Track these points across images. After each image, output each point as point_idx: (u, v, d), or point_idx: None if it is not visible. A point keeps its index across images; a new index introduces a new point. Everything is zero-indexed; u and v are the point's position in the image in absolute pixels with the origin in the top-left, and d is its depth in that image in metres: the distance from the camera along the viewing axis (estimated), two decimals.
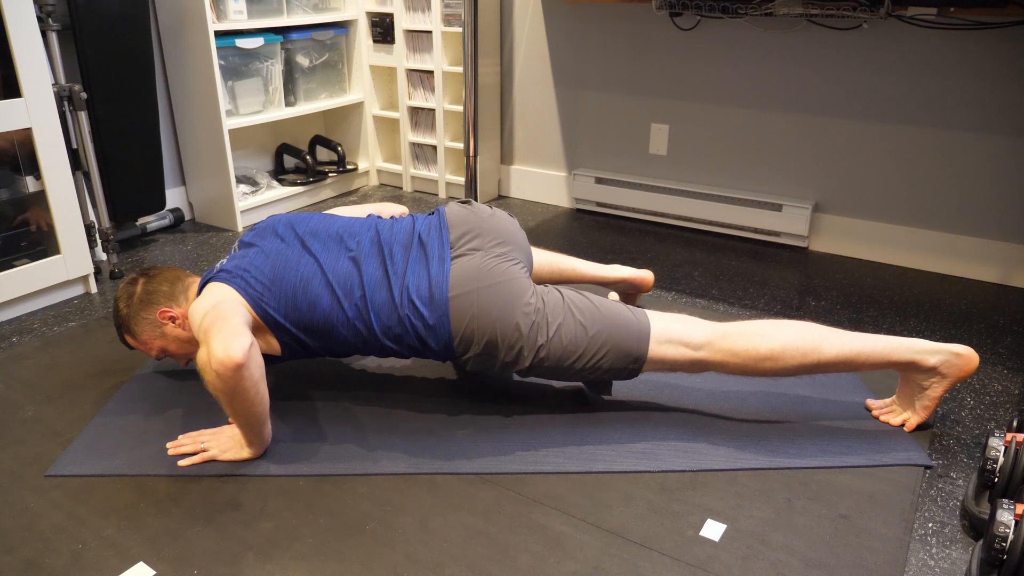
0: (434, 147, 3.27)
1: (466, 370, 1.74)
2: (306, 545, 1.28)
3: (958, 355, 1.50)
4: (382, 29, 3.20)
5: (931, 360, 1.51)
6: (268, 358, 1.58)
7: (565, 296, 1.54)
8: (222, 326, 1.35)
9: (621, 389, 1.72)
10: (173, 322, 1.62)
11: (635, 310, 1.56)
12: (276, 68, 2.93)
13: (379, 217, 1.68)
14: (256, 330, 1.52)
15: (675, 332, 1.52)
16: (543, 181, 3.20)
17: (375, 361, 1.86)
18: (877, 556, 1.25)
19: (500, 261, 1.53)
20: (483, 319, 1.48)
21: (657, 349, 1.51)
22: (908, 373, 1.55)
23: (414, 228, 1.60)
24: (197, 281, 1.67)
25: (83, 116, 2.28)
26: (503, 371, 1.55)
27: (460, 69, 3.07)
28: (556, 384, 1.75)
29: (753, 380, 1.76)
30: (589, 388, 1.67)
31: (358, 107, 3.34)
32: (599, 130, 2.99)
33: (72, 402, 1.70)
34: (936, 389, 1.53)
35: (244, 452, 1.48)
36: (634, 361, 1.52)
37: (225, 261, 1.59)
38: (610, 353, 1.51)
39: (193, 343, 1.63)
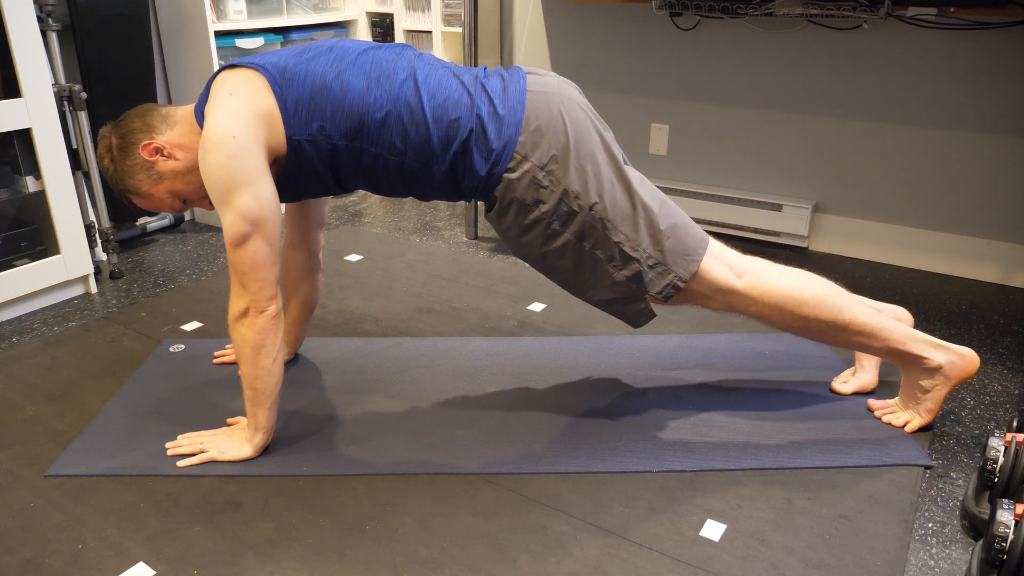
0: None
1: (487, 216, 1.47)
2: (306, 545, 1.28)
3: (961, 356, 1.52)
4: (382, 29, 3.20)
5: (938, 358, 1.51)
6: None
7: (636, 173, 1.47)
8: (256, 274, 1.33)
9: (620, 389, 1.72)
10: (161, 154, 1.41)
11: None
12: None
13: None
14: (269, 126, 1.34)
15: (724, 252, 1.49)
16: None
17: (374, 361, 1.86)
18: (877, 556, 1.25)
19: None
20: (559, 122, 1.36)
21: (708, 262, 1.45)
22: (913, 371, 1.55)
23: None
24: (176, 107, 1.48)
25: (83, 116, 2.28)
26: (536, 226, 1.41)
27: None
28: (556, 385, 1.75)
29: (752, 378, 1.76)
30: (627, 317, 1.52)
31: None
32: None
33: (72, 402, 1.70)
34: (939, 391, 1.54)
35: (243, 451, 1.48)
36: (690, 262, 1.43)
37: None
38: (672, 238, 1.42)
39: (197, 172, 1.42)
